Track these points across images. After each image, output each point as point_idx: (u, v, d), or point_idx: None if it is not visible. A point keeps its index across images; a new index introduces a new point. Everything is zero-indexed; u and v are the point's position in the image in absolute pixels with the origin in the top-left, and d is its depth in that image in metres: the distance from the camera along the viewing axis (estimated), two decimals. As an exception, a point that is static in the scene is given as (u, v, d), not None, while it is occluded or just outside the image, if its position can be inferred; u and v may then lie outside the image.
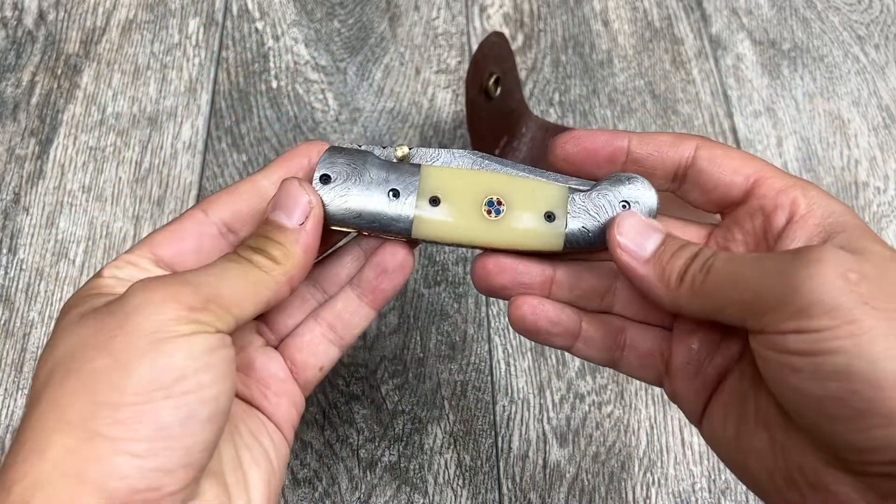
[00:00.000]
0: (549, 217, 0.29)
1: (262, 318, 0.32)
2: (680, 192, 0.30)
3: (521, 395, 0.46)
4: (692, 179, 0.29)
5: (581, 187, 0.30)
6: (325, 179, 0.29)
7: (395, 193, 0.29)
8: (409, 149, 0.30)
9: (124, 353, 0.22)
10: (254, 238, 0.28)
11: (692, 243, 0.27)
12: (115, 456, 0.21)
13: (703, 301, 0.25)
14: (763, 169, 0.28)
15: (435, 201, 0.30)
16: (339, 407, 0.45)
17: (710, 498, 0.44)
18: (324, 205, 0.29)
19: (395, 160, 0.30)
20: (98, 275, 0.27)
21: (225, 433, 0.27)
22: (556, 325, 0.30)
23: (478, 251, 0.31)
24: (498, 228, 0.29)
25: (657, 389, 0.47)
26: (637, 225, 0.28)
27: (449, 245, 0.30)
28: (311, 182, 0.29)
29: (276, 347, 0.32)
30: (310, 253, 0.28)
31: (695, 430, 0.35)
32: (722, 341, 0.29)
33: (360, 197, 0.29)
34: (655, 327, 0.31)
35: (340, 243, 0.33)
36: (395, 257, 0.31)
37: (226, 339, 0.25)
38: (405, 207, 0.29)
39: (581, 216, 0.29)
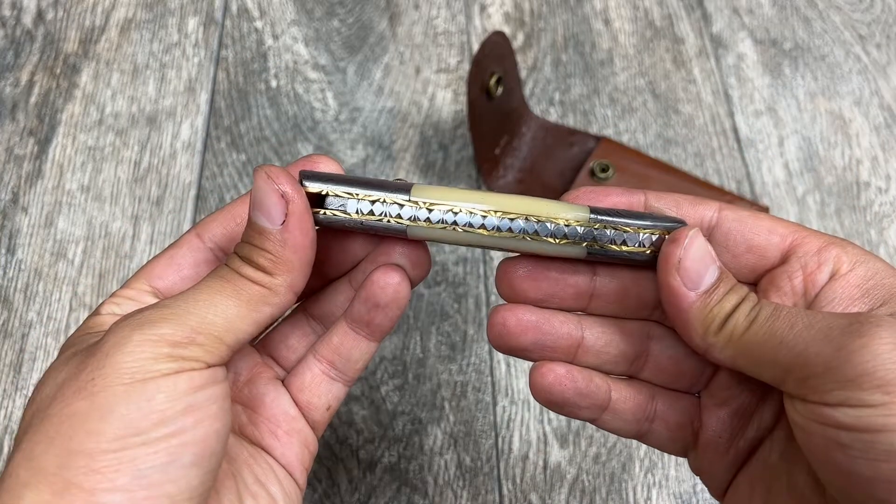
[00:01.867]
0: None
1: (266, 352, 0.30)
2: None
3: (521, 396, 0.46)
4: (720, 243, 0.26)
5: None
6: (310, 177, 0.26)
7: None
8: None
9: (101, 395, 0.21)
10: (241, 246, 0.25)
11: (741, 285, 0.24)
12: None
13: (737, 353, 0.23)
14: (798, 228, 0.25)
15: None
16: (339, 408, 0.45)
17: (711, 499, 0.44)
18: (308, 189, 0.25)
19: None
20: (95, 312, 0.26)
21: (227, 480, 0.25)
22: (585, 397, 0.27)
23: (490, 304, 0.28)
24: (510, 197, 0.25)
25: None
26: (702, 249, 0.24)
27: (451, 222, 0.25)
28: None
29: (282, 382, 0.30)
30: (303, 251, 0.25)
31: (696, 431, 0.34)
32: (756, 411, 0.26)
33: (348, 185, 0.26)
34: (685, 394, 0.28)
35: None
36: (385, 291, 0.27)
37: (217, 374, 0.23)
38: (398, 191, 0.26)
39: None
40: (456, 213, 0.25)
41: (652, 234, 0.25)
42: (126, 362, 0.21)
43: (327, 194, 0.25)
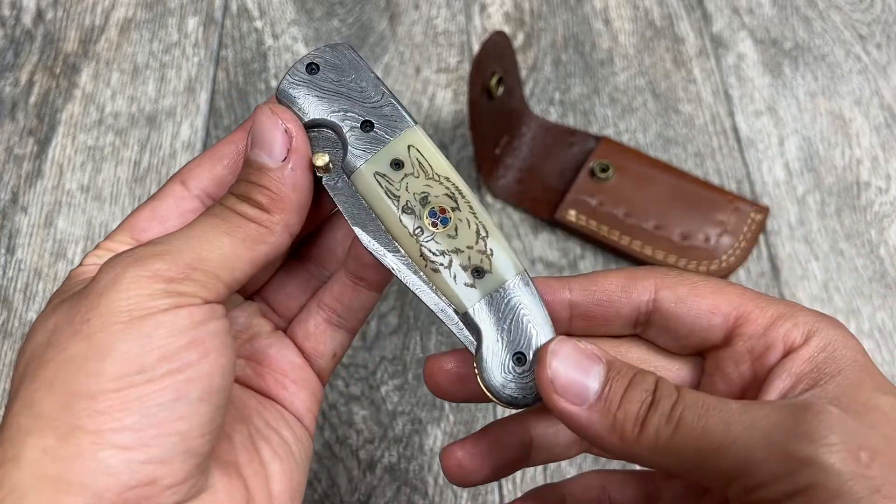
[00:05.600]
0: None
1: (265, 300, 0.29)
2: (646, 336, 0.25)
3: (521, 396, 0.46)
4: (659, 325, 0.24)
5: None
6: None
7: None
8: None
9: (99, 335, 0.20)
10: (237, 184, 0.24)
11: (644, 374, 0.22)
12: (99, 450, 0.19)
13: (668, 460, 0.21)
14: (742, 302, 0.23)
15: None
16: (339, 408, 0.45)
17: (712, 499, 0.44)
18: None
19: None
20: (79, 265, 0.25)
21: (238, 425, 0.25)
22: None
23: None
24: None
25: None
26: (573, 356, 0.22)
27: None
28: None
29: (284, 331, 0.29)
30: (302, 191, 0.24)
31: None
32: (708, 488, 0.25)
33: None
34: (636, 474, 0.28)
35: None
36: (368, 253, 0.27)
37: (216, 310, 0.22)
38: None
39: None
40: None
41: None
42: (121, 300, 0.20)
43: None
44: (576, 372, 0.22)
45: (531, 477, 0.43)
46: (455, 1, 0.63)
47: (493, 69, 0.49)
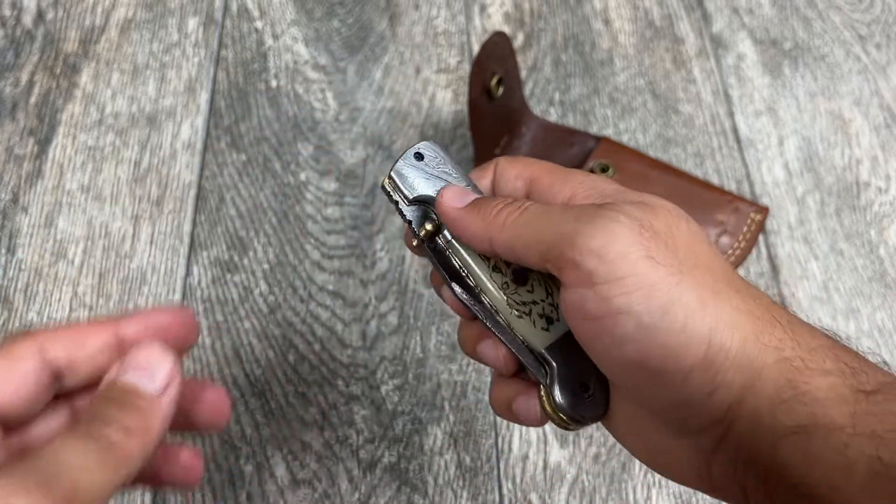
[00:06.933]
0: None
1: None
2: None
3: (521, 396, 0.46)
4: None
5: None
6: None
7: None
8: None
9: None
10: (103, 403, 0.23)
11: (513, 198, 0.28)
12: None
13: (510, 236, 0.26)
14: (535, 169, 0.29)
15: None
16: (339, 408, 0.45)
17: (711, 498, 0.44)
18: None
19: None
20: None
21: None
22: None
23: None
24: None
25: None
26: (458, 191, 0.29)
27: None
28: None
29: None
30: (167, 425, 0.24)
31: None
32: None
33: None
34: None
35: None
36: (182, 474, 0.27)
37: None
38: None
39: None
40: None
41: None
42: None
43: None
44: (457, 197, 0.28)
45: (531, 476, 0.43)
46: (455, 1, 0.63)
47: (493, 69, 0.49)
